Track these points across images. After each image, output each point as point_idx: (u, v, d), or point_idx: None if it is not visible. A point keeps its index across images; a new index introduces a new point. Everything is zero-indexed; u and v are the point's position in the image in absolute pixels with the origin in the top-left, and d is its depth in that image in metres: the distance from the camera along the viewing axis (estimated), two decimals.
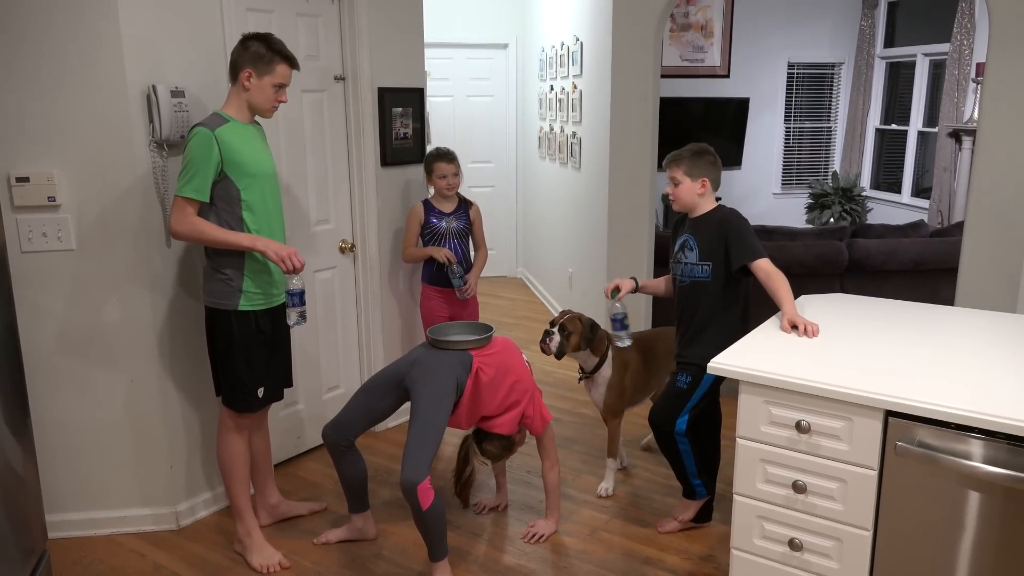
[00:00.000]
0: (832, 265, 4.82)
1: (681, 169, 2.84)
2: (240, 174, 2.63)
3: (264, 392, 2.83)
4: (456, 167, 3.67)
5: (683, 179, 2.84)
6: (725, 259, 2.77)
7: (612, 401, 3.26)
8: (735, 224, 2.78)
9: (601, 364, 3.22)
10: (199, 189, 2.57)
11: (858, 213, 7.97)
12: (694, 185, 2.83)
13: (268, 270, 2.75)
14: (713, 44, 7.90)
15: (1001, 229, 3.50)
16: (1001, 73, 3.43)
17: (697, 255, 2.84)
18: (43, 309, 2.86)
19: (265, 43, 2.64)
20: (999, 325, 2.48)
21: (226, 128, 2.61)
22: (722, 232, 2.78)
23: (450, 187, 3.65)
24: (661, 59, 4.51)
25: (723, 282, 2.81)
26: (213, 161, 2.56)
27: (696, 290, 2.86)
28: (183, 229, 2.61)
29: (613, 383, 3.24)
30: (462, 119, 6.95)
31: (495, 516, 3.22)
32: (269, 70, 2.64)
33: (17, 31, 2.67)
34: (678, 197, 2.87)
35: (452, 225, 3.70)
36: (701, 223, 2.87)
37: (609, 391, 3.24)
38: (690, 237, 2.87)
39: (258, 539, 2.89)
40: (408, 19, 3.84)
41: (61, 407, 2.94)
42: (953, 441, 1.84)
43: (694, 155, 2.84)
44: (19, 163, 2.76)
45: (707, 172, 2.83)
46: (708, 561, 2.90)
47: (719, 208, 2.87)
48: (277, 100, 2.71)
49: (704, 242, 2.83)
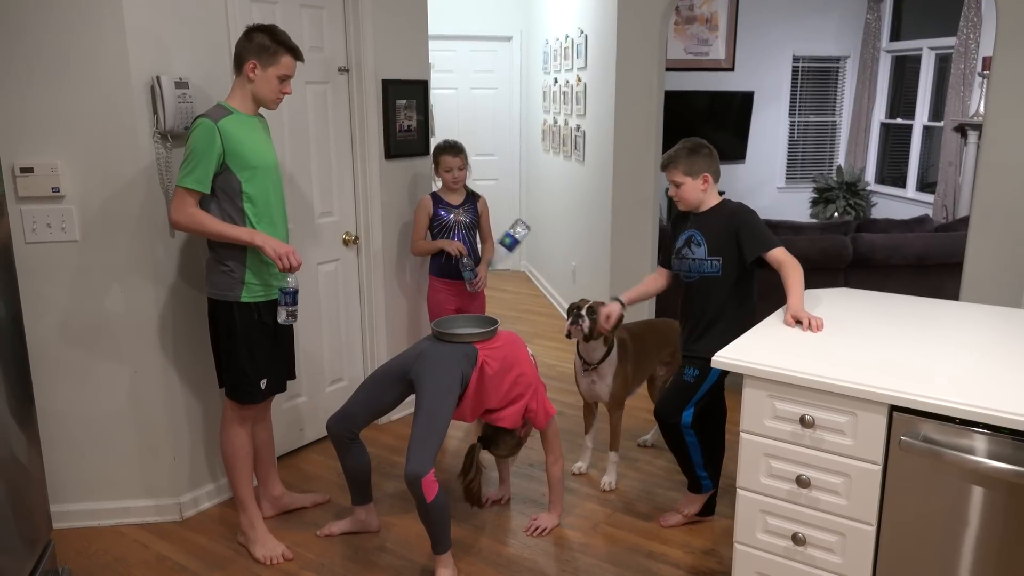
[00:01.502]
0: (836, 259, 4.81)
1: (680, 170, 2.78)
2: (242, 166, 2.63)
3: (267, 384, 2.83)
4: (462, 160, 3.66)
5: (684, 179, 2.79)
6: (737, 254, 2.74)
7: (619, 392, 3.27)
8: (745, 217, 2.74)
9: (608, 353, 3.22)
10: (200, 180, 2.57)
11: (863, 207, 7.94)
12: (696, 183, 2.79)
13: (269, 261, 2.74)
14: (718, 37, 7.86)
15: (1006, 224, 3.49)
16: (1008, 67, 3.41)
17: (706, 250, 2.80)
18: (46, 300, 2.86)
19: (270, 35, 2.63)
20: (1004, 320, 2.47)
21: (229, 120, 2.61)
22: (732, 226, 2.74)
23: (456, 180, 3.65)
24: (666, 52, 4.49)
25: (734, 277, 2.78)
26: (215, 152, 2.56)
27: (706, 285, 2.82)
28: (182, 220, 2.61)
29: (620, 373, 3.24)
30: (466, 112, 6.94)
31: (498, 509, 3.23)
32: (274, 61, 2.64)
33: (21, 22, 2.67)
34: (683, 198, 2.82)
35: (461, 218, 3.70)
36: (708, 218, 2.82)
37: (616, 382, 3.24)
38: (697, 232, 2.83)
39: (261, 531, 2.89)
40: (412, 11, 3.83)
41: (64, 398, 2.95)
42: (957, 436, 1.84)
43: (690, 153, 2.78)
44: (23, 154, 2.76)
45: (706, 167, 2.78)
46: (711, 555, 2.90)
47: (726, 202, 2.84)
48: (281, 92, 2.71)
49: (713, 237, 2.79)
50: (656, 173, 4.52)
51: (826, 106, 8.39)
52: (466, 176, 3.70)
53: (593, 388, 3.30)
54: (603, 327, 3.04)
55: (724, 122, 8.02)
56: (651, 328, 3.53)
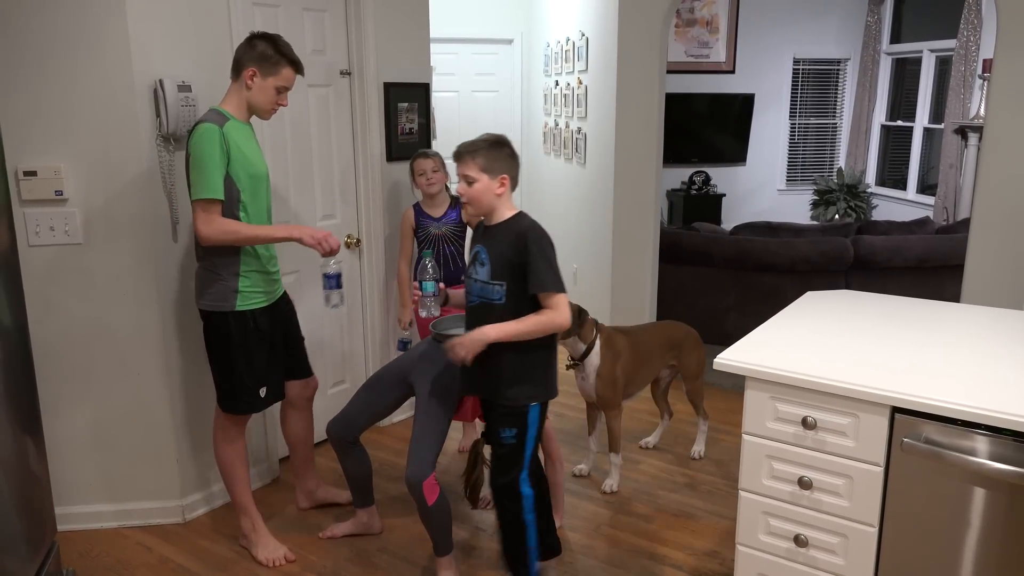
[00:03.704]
0: (837, 262, 4.82)
1: (478, 164, 2.29)
2: (241, 174, 2.60)
3: (267, 391, 2.81)
4: (436, 163, 3.43)
5: (479, 176, 2.29)
6: (522, 283, 2.29)
7: (605, 392, 3.20)
8: (536, 244, 2.28)
9: (589, 352, 3.16)
10: (217, 188, 2.53)
11: (863, 210, 7.95)
12: (492, 184, 2.31)
13: (264, 268, 2.72)
14: (718, 39, 7.88)
15: (1007, 226, 3.50)
16: (1008, 69, 3.42)
17: (489, 272, 2.33)
18: (50, 303, 2.87)
19: (273, 44, 2.61)
20: (1005, 322, 2.48)
21: (229, 126, 2.58)
22: (519, 248, 2.28)
23: (430, 183, 3.44)
24: (667, 54, 4.50)
25: (516, 307, 2.31)
26: (223, 158, 2.53)
27: (485, 314, 2.34)
28: (213, 234, 2.54)
29: (603, 372, 3.17)
30: (467, 114, 6.95)
31: None
32: (274, 72, 2.61)
33: (24, 25, 2.68)
34: (473, 199, 2.32)
35: (438, 232, 3.49)
36: (497, 233, 2.35)
37: (600, 381, 3.18)
38: (483, 249, 2.36)
39: (263, 533, 2.90)
40: (414, 14, 3.84)
41: (68, 400, 2.96)
42: (959, 438, 1.84)
43: (491, 146, 2.31)
44: (27, 157, 2.76)
45: (508, 168, 2.32)
46: (713, 557, 2.90)
47: (520, 217, 2.36)
48: (277, 103, 2.68)
49: (497, 257, 2.32)
50: (658, 176, 4.53)
51: (827, 108, 8.40)
52: (443, 179, 3.49)
53: (583, 385, 3.25)
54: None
55: (725, 124, 8.04)
56: (654, 330, 3.49)
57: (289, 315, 2.94)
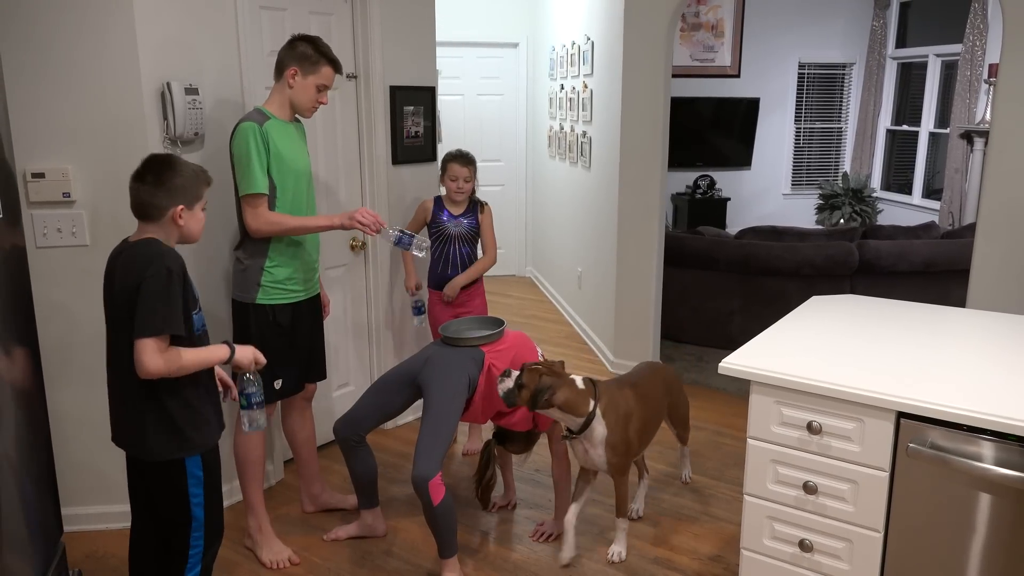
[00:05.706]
0: (842, 266, 4.81)
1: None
2: (280, 171, 2.71)
3: (282, 384, 2.87)
4: (470, 172, 3.52)
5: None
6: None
7: (618, 460, 2.76)
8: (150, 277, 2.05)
9: (588, 423, 2.71)
10: (261, 182, 2.66)
11: (868, 214, 7.95)
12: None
13: (290, 264, 2.80)
14: (724, 44, 7.89)
15: (1013, 231, 3.49)
16: (1014, 74, 3.42)
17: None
18: (57, 304, 2.88)
19: (313, 45, 2.73)
20: (1011, 327, 2.47)
21: (270, 124, 2.69)
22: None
23: (460, 191, 3.53)
24: (672, 58, 4.50)
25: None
26: (264, 154, 2.64)
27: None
28: (261, 226, 2.69)
29: (614, 441, 2.73)
30: (472, 118, 6.96)
31: (504, 514, 3.23)
32: (314, 71, 2.72)
33: (33, 28, 2.69)
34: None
35: (455, 230, 3.58)
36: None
37: (612, 451, 2.74)
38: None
39: (268, 535, 2.90)
40: (420, 18, 3.85)
41: (75, 401, 2.96)
42: (964, 443, 1.84)
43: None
44: (35, 159, 2.78)
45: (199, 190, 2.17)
46: (718, 561, 2.90)
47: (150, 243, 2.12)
48: (318, 101, 2.78)
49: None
50: (663, 180, 4.53)
51: (832, 113, 8.40)
52: (472, 189, 3.57)
53: (588, 457, 2.78)
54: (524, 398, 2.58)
55: (730, 128, 8.04)
56: (650, 375, 3.03)
57: (314, 319, 2.99)
